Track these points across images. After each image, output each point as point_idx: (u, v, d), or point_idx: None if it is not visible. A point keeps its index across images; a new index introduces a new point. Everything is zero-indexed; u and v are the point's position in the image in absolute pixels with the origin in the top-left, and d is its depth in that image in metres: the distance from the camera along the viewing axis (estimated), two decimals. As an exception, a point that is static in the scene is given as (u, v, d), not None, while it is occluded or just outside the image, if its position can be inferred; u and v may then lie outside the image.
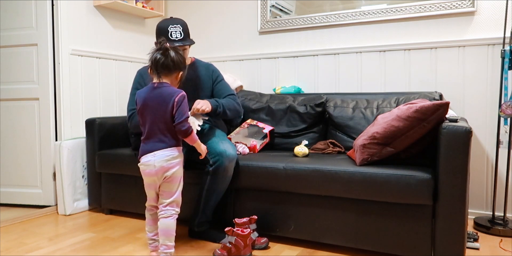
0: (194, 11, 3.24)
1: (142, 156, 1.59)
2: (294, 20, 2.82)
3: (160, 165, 1.56)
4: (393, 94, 2.38)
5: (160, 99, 1.57)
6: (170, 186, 1.61)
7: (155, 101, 1.58)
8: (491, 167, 2.29)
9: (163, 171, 1.57)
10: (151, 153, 1.57)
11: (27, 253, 1.82)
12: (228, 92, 2.20)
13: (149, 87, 1.62)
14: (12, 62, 2.57)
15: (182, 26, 2.04)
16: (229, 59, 3.09)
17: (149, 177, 1.60)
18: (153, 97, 1.59)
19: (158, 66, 1.59)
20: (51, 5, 2.50)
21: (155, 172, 1.57)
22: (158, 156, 1.56)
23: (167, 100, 1.57)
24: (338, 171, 1.74)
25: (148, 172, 1.58)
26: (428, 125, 1.66)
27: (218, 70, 2.27)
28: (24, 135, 2.58)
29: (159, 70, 1.60)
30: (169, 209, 1.61)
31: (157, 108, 1.57)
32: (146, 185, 1.64)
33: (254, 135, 2.47)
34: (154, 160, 1.56)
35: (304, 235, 1.87)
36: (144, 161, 1.58)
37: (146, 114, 1.59)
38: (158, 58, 1.58)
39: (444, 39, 2.39)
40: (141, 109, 1.61)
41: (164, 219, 1.60)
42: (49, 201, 2.55)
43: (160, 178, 1.59)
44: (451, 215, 1.53)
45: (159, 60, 1.58)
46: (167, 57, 1.59)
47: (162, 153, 1.57)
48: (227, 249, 1.72)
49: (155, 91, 1.59)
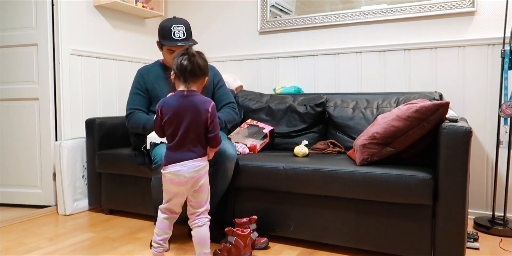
0: (194, 11, 3.24)
1: (170, 165, 1.52)
2: (294, 20, 2.82)
3: (191, 175, 1.51)
4: (393, 94, 2.38)
5: (193, 109, 1.51)
6: (201, 196, 1.57)
7: (188, 110, 1.51)
8: (491, 167, 2.29)
9: (193, 181, 1.53)
10: (180, 162, 1.51)
11: (27, 253, 1.82)
12: (228, 100, 2.19)
13: (178, 95, 1.54)
14: (12, 62, 2.57)
15: (185, 26, 2.04)
16: (229, 59, 3.09)
17: (177, 187, 1.53)
18: (184, 106, 1.51)
19: (186, 74, 1.52)
20: (51, 5, 2.50)
21: (185, 182, 1.52)
22: (188, 166, 1.51)
23: (201, 110, 1.52)
24: (338, 171, 1.74)
25: (178, 182, 1.52)
26: (428, 125, 1.66)
27: (219, 73, 2.26)
28: (24, 135, 2.58)
29: (187, 78, 1.53)
30: (202, 217, 1.58)
31: (190, 117, 1.51)
32: (172, 193, 1.56)
33: (254, 135, 2.47)
34: (185, 170, 1.50)
35: (304, 235, 1.87)
36: (173, 170, 1.51)
37: (177, 123, 1.51)
38: (185, 64, 1.51)
39: (444, 39, 2.39)
40: (171, 118, 1.51)
41: (199, 228, 1.56)
42: (49, 201, 2.55)
43: (189, 188, 1.54)
44: (451, 215, 1.53)
45: (186, 67, 1.51)
46: (194, 63, 1.52)
47: (192, 163, 1.51)
48: (227, 249, 1.72)
49: (186, 100, 1.52)
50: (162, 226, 1.61)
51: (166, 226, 1.61)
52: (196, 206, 1.58)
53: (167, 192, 1.58)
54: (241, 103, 2.64)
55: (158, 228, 1.61)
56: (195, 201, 1.57)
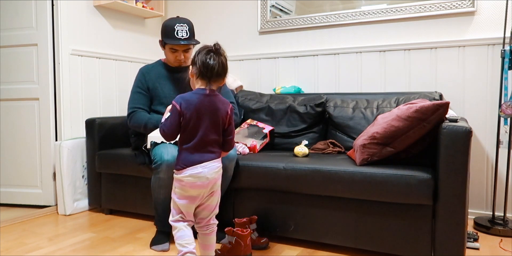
0: (194, 11, 3.24)
1: (190, 167, 1.41)
2: (294, 20, 2.82)
3: (213, 176, 1.44)
4: (393, 94, 2.38)
5: (215, 109, 1.44)
6: (215, 199, 1.51)
7: (210, 110, 1.44)
8: (491, 167, 2.29)
9: (213, 183, 1.46)
10: (200, 164, 1.42)
11: (27, 253, 1.82)
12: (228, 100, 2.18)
13: (200, 94, 1.44)
14: (12, 62, 2.57)
15: (189, 25, 2.05)
16: (229, 59, 3.04)
17: (199, 190, 1.43)
18: (207, 106, 1.43)
19: (213, 73, 1.43)
20: (51, 5, 2.50)
21: (207, 184, 1.44)
22: (209, 168, 1.43)
23: (222, 111, 1.46)
24: (338, 171, 1.74)
25: (200, 184, 1.42)
26: (428, 126, 1.66)
27: None
28: (24, 135, 2.58)
29: (212, 77, 1.44)
30: (212, 223, 1.52)
31: (211, 118, 1.44)
32: (188, 197, 1.44)
33: (254, 135, 2.47)
34: (207, 172, 1.42)
35: (304, 235, 1.87)
36: (194, 173, 1.41)
37: (198, 122, 1.42)
38: (213, 64, 1.42)
39: (444, 39, 2.39)
40: (192, 117, 1.41)
41: (208, 236, 1.51)
42: (49, 201, 2.55)
43: (209, 191, 1.46)
44: (451, 215, 1.53)
45: (214, 66, 1.42)
46: (220, 63, 1.44)
47: (212, 164, 1.44)
48: (227, 249, 1.72)
49: (208, 99, 1.44)
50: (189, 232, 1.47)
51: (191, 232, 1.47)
52: (209, 210, 1.50)
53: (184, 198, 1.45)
54: (241, 103, 2.64)
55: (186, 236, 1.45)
56: (208, 204, 1.49)
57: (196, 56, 1.46)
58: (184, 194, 1.44)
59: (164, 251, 1.84)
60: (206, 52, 1.44)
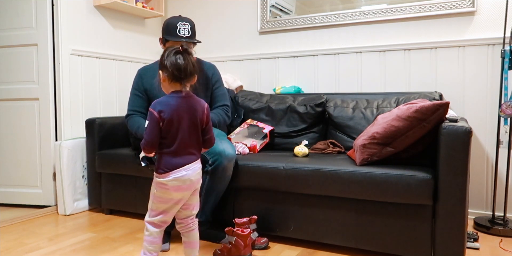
0: (194, 11, 3.24)
1: (173, 171, 1.41)
2: (294, 20, 2.82)
3: (196, 178, 1.46)
4: (393, 94, 2.38)
5: (193, 110, 1.44)
6: (196, 198, 1.53)
7: (188, 112, 1.43)
8: (491, 167, 2.29)
9: (196, 184, 1.48)
10: (184, 167, 1.42)
11: (27, 253, 1.82)
12: (222, 102, 2.20)
13: (178, 96, 1.43)
14: (12, 62, 2.57)
15: (191, 24, 2.06)
16: (229, 59, 3.09)
17: (182, 192, 1.44)
18: (185, 108, 1.43)
19: (187, 73, 1.41)
20: (51, 5, 2.50)
21: (191, 186, 1.45)
22: (191, 170, 1.44)
23: (199, 112, 1.46)
24: (338, 171, 1.74)
25: (185, 187, 1.43)
26: (428, 126, 1.66)
27: (219, 73, 2.26)
28: (24, 135, 2.58)
29: (184, 77, 1.42)
30: (194, 220, 1.55)
31: (189, 119, 1.44)
32: (172, 200, 1.44)
33: (254, 135, 2.47)
34: (190, 174, 1.43)
35: (304, 235, 1.87)
36: (178, 176, 1.41)
37: (179, 126, 1.42)
38: (183, 64, 1.40)
39: (444, 39, 2.39)
40: (170, 121, 1.40)
41: (193, 231, 1.53)
42: (49, 201, 2.55)
43: (192, 192, 1.48)
44: (451, 215, 1.53)
45: (185, 67, 1.40)
46: (190, 62, 1.41)
47: (194, 166, 1.45)
48: (227, 249, 1.72)
49: (185, 101, 1.44)
50: (158, 240, 1.48)
51: (161, 238, 1.49)
52: (191, 209, 1.52)
53: (166, 201, 1.45)
54: (241, 103, 2.64)
55: (155, 243, 1.47)
56: (191, 203, 1.51)
57: (164, 60, 1.42)
58: (167, 197, 1.44)
59: (164, 251, 1.84)
60: (174, 53, 1.42)
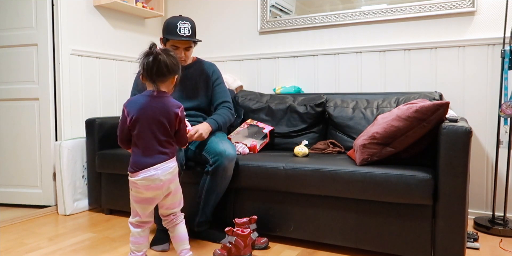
0: (194, 11, 3.24)
1: (142, 170, 1.44)
2: (294, 20, 2.82)
3: (167, 177, 1.47)
4: (393, 94, 2.38)
5: (163, 111, 1.46)
6: (176, 197, 1.56)
7: (157, 112, 1.45)
8: (491, 167, 2.29)
9: (168, 184, 1.48)
10: (153, 166, 1.44)
11: (27, 253, 1.82)
12: (223, 99, 2.19)
13: (147, 95, 1.47)
14: (12, 62, 2.57)
15: (191, 24, 2.06)
16: (229, 59, 3.09)
17: (153, 191, 1.47)
18: (154, 107, 1.45)
19: (153, 74, 1.46)
20: (51, 5, 2.50)
21: (161, 185, 1.46)
22: (162, 169, 1.45)
23: (171, 113, 1.47)
24: (338, 171, 1.74)
25: (154, 186, 1.45)
26: (428, 126, 1.66)
27: (219, 71, 2.26)
28: (24, 135, 2.58)
29: (154, 78, 1.47)
30: (179, 214, 1.58)
31: (159, 120, 1.45)
32: (145, 199, 1.48)
33: (254, 135, 2.47)
34: (160, 174, 1.44)
35: (304, 235, 1.87)
36: (147, 176, 1.43)
37: (145, 125, 1.45)
38: (151, 65, 1.44)
39: (444, 39, 2.39)
40: (137, 119, 1.44)
41: (178, 226, 1.56)
42: (49, 201, 2.55)
43: (165, 192, 1.49)
44: (451, 215, 1.53)
45: (152, 67, 1.44)
46: (160, 62, 1.44)
47: (165, 165, 1.46)
48: (227, 249, 1.72)
49: (155, 100, 1.46)
50: (141, 240, 1.52)
51: (145, 239, 1.53)
52: (171, 207, 1.55)
53: (140, 201, 1.48)
54: (241, 103, 2.64)
55: (137, 244, 1.51)
56: (171, 203, 1.54)
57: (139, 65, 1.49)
58: (140, 196, 1.48)
59: (164, 251, 1.84)
60: (145, 55, 1.47)
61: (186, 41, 2.04)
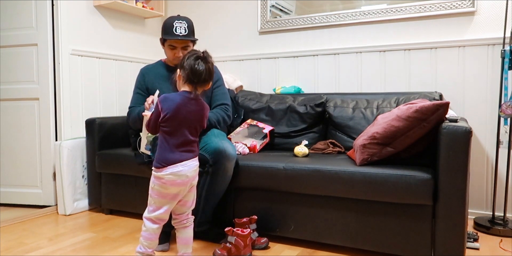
0: (194, 11, 3.24)
1: (171, 166, 1.47)
2: (294, 20, 2.82)
3: (192, 174, 1.52)
4: (393, 94, 2.38)
5: (198, 112, 1.53)
6: (192, 195, 1.59)
7: (193, 113, 1.51)
8: (491, 167, 2.29)
9: (192, 180, 1.54)
10: (181, 162, 1.48)
11: (27, 253, 1.82)
12: (221, 101, 2.19)
13: (185, 96, 1.51)
14: (12, 62, 2.57)
15: (188, 23, 2.06)
16: (229, 59, 3.09)
17: (178, 187, 1.50)
18: (190, 108, 1.50)
19: (200, 79, 1.50)
20: (51, 5, 2.50)
21: (187, 182, 1.51)
22: (189, 166, 1.50)
23: (203, 115, 1.55)
24: (338, 171, 1.74)
25: (180, 182, 1.49)
26: (428, 126, 1.66)
27: (219, 73, 2.26)
28: (24, 135, 2.58)
29: (197, 82, 1.50)
30: (190, 217, 1.60)
31: (194, 120, 1.52)
32: (170, 195, 1.50)
33: (254, 135, 2.47)
34: (187, 170, 1.49)
35: (304, 235, 1.87)
36: (175, 171, 1.47)
37: (179, 123, 1.49)
38: (201, 70, 1.49)
39: (444, 39, 2.39)
40: (171, 117, 1.48)
41: (186, 228, 1.58)
42: (49, 201, 2.55)
43: (188, 188, 1.54)
44: (451, 215, 1.53)
45: (202, 73, 1.49)
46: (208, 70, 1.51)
47: (192, 162, 1.52)
48: (227, 249, 1.72)
49: (192, 101, 1.51)
50: (154, 237, 1.53)
51: (157, 237, 1.54)
52: (187, 205, 1.58)
53: (164, 196, 1.50)
54: (241, 103, 2.64)
55: (150, 240, 1.52)
56: (186, 200, 1.57)
57: (184, 61, 1.52)
58: (164, 191, 1.50)
59: (164, 251, 1.85)
60: (195, 58, 1.51)
61: (183, 41, 2.05)
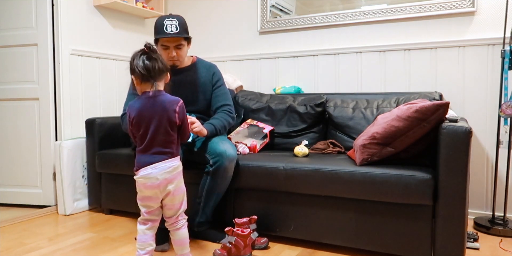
0: (194, 11, 3.24)
1: (141, 169, 1.48)
2: (294, 20, 2.82)
3: (163, 177, 1.48)
4: (393, 94, 2.38)
5: (161, 109, 1.47)
6: (177, 198, 1.54)
7: (155, 113, 1.47)
8: (491, 167, 2.29)
9: (166, 183, 1.49)
10: (151, 165, 1.47)
11: (27, 253, 1.82)
12: (223, 102, 2.14)
13: (143, 97, 1.49)
14: (12, 62, 2.57)
15: (179, 20, 1.99)
16: (229, 59, 3.09)
17: (150, 190, 1.49)
18: (151, 107, 1.47)
19: (155, 73, 1.47)
20: (51, 5, 2.50)
21: (158, 184, 1.48)
22: (159, 168, 1.47)
23: (169, 111, 1.48)
24: (338, 171, 1.74)
25: (150, 185, 1.48)
26: (428, 126, 1.66)
27: (219, 73, 2.22)
28: (24, 135, 2.58)
29: (154, 75, 1.47)
30: (181, 219, 1.57)
31: (158, 119, 1.47)
32: (146, 198, 1.51)
33: (254, 135, 2.47)
34: (156, 172, 1.47)
35: (304, 235, 1.87)
36: (144, 174, 1.47)
37: (144, 126, 1.48)
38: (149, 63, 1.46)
39: (444, 39, 2.39)
40: (137, 121, 1.48)
41: (179, 230, 1.56)
42: (49, 201, 2.55)
43: (162, 191, 1.50)
44: (451, 215, 1.53)
45: (154, 66, 1.46)
46: (157, 60, 1.48)
47: (163, 164, 1.48)
48: (227, 249, 1.72)
49: (152, 100, 1.48)
50: (145, 238, 1.53)
51: (150, 237, 1.54)
52: (173, 208, 1.55)
53: (142, 199, 1.52)
54: (241, 103, 2.64)
55: (142, 241, 1.53)
56: (171, 204, 1.53)
57: (132, 63, 1.50)
58: (141, 194, 1.53)
59: (163, 251, 1.85)
60: (139, 55, 1.50)
61: (175, 39, 1.98)
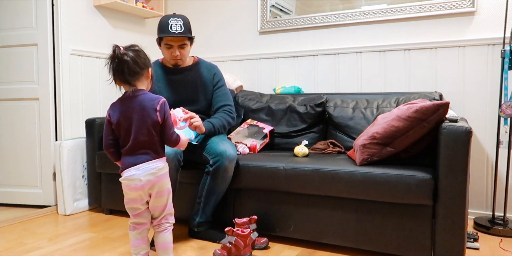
0: (194, 11, 3.24)
1: (125, 170, 1.45)
2: (294, 20, 2.82)
3: (147, 178, 1.43)
4: (393, 94, 2.38)
5: (140, 109, 1.43)
6: (160, 200, 1.50)
7: (136, 111, 1.43)
8: (491, 167, 2.29)
9: (150, 185, 1.44)
10: (134, 166, 1.43)
11: (27, 253, 1.82)
12: (224, 102, 2.14)
13: (123, 98, 1.46)
14: (12, 62, 2.57)
15: (183, 20, 2.00)
16: (229, 59, 3.09)
17: (134, 192, 1.45)
18: (131, 108, 1.43)
19: (126, 74, 1.43)
20: (51, 5, 2.50)
21: (141, 186, 1.43)
22: (142, 170, 1.43)
23: (149, 110, 1.43)
24: (338, 171, 1.74)
25: (134, 187, 1.44)
26: (428, 126, 1.66)
27: (220, 73, 2.22)
28: (24, 135, 2.58)
29: (128, 78, 1.44)
30: (164, 222, 1.52)
31: (138, 119, 1.43)
32: (130, 200, 1.48)
33: (254, 135, 2.47)
34: (139, 174, 1.42)
35: (304, 235, 1.87)
36: (128, 176, 1.43)
37: (127, 126, 1.44)
38: (121, 66, 1.42)
39: (444, 39, 2.39)
40: (117, 123, 1.45)
41: (161, 234, 1.52)
42: (49, 201, 2.55)
43: (146, 193, 1.46)
44: (451, 215, 1.53)
45: (123, 68, 1.42)
46: (127, 62, 1.42)
47: (147, 165, 1.44)
48: (227, 249, 1.72)
49: (131, 101, 1.44)
50: (137, 243, 1.51)
51: (142, 241, 1.51)
52: (157, 211, 1.51)
53: (127, 201, 1.49)
54: (241, 103, 2.64)
55: (134, 246, 1.51)
56: (155, 205, 1.50)
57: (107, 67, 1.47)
58: (126, 196, 1.50)
59: None
60: (110, 59, 1.46)
61: (179, 39, 2.00)
